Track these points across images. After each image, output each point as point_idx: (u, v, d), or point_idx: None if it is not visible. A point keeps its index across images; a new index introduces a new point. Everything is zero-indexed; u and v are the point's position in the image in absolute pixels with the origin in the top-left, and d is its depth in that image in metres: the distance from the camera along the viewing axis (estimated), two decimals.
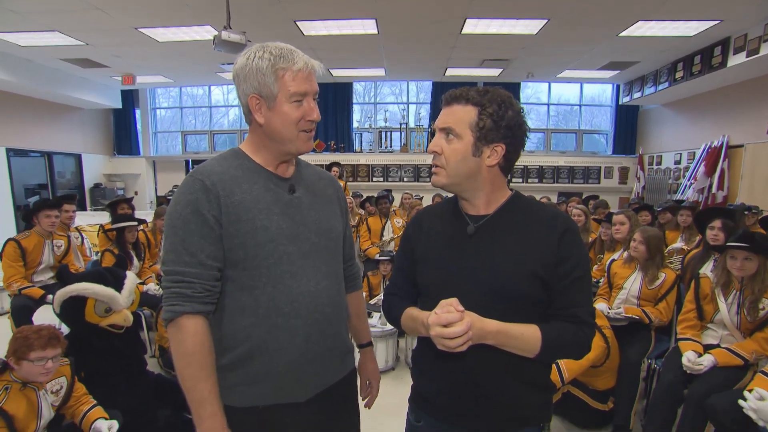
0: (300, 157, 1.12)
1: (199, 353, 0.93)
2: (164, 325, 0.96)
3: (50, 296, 2.97)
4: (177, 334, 0.93)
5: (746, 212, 4.11)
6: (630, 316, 2.45)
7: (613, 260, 2.83)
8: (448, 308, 0.85)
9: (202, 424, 0.93)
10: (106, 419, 1.78)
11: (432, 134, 1.04)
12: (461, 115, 0.95)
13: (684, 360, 2.05)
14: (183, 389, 0.93)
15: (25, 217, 3.26)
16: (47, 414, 1.69)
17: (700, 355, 2.06)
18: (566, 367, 2.20)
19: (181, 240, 0.93)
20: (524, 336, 0.91)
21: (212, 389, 0.94)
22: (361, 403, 1.30)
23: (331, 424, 1.11)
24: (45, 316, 2.71)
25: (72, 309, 2.08)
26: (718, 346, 2.12)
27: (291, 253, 1.00)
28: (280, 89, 0.96)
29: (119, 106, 8.94)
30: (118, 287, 2.17)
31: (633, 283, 2.57)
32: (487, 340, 0.89)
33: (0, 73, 6.20)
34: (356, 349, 1.33)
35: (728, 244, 2.10)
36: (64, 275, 2.16)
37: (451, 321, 0.84)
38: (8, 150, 7.13)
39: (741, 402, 1.67)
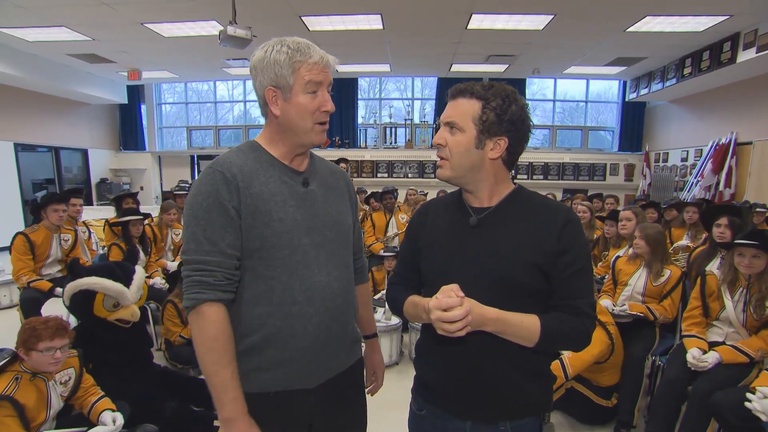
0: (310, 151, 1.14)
1: (221, 339, 0.95)
2: (186, 313, 0.98)
3: (58, 289, 3.01)
4: (198, 321, 0.95)
5: (753, 210, 4.08)
6: (634, 313, 2.44)
7: (618, 257, 2.82)
8: (449, 293, 0.87)
9: (224, 409, 0.95)
10: (113, 410, 1.81)
11: (437, 129, 1.05)
12: (465, 109, 0.97)
13: (689, 357, 2.04)
14: (204, 375, 0.95)
15: (33, 211, 3.29)
16: (56, 404, 1.72)
17: (704, 352, 2.06)
18: (570, 363, 2.21)
19: (202, 230, 0.96)
20: (523, 324, 0.92)
21: (233, 375, 0.95)
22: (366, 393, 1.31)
23: (338, 411, 1.14)
24: (53, 309, 2.75)
25: (81, 302, 2.10)
26: (723, 343, 2.11)
27: (305, 245, 1.03)
28: (296, 81, 0.99)
29: (125, 101, 9.00)
30: (127, 282, 2.19)
31: (638, 279, 2.56)
32: (486, 326, 0.91)
33: (8, 68, 6.25)
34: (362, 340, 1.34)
35: (737, 241, 2.08)
36: (75, 269, 2.18)
37: (451, 305, 0.86)
38: (16, 145, 7.20)
39: (748, 404, 1.66)
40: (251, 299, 1.01)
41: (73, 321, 2.23)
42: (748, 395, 1.69)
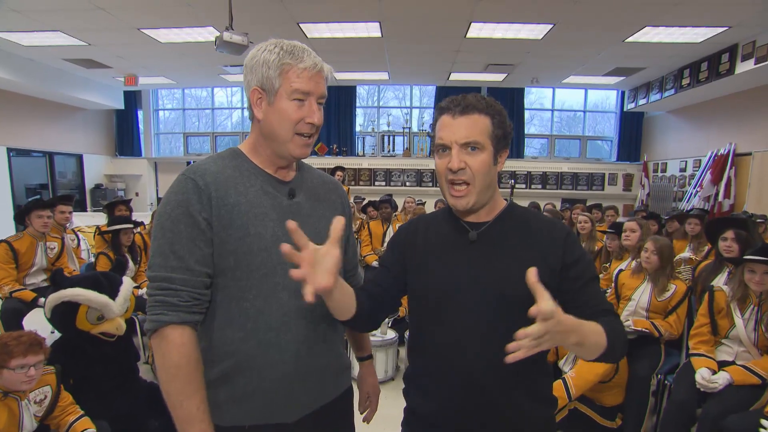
0: (303, 160, 1.06)
1: (185, 366, 0.86)
2: (147, 336, 0.89)
3: (42, 299, 2.90)
4: (161, 346, 0.86)
5: (753, 220, 4.02)
6: (639, 329, 2.36)
7: (621, 270, 2.74)
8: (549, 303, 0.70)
9: None
10: (92, 431, 1.71)
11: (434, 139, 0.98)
12: (481, 126, 0.92)
13: (698, 377, 1.96)
14: (169, 406, 0.86)
15: (18, 217, 3.20)
16: (29, 425, 1.62)
17: (714, 373, 1.97)
18: (573, 383, 2.12)
19: (169, 243, 0.88)
20: (592, 328, 0.81)
21: (200, 405, 0.86)
22: (359, 417, 1.23)
23: None
24: (36, 320, 2.65)
25: (63, 314, 2.01)
26: (733, 363, 2.03)
27: (284, 264, 0.93)
28: (282, 84, 0.92)
29: (122, 106, 8.93)
30: (113, 293, 2.10)
31: (642, 294, 2.48)
32: (569, 338, 0.75)
33: (3, 72, 6.18)
34: (356, 364, 1.28)
35: (748, 257, 2.01)
36: (57, 279, 2.09)
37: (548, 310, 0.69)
38: (9, 150, 7.10)
39: (763, 431, 1.58)
40: (223, 322, 0.92)
41: (56, 333, 2.14)
42: (763, 421, 1.61)
